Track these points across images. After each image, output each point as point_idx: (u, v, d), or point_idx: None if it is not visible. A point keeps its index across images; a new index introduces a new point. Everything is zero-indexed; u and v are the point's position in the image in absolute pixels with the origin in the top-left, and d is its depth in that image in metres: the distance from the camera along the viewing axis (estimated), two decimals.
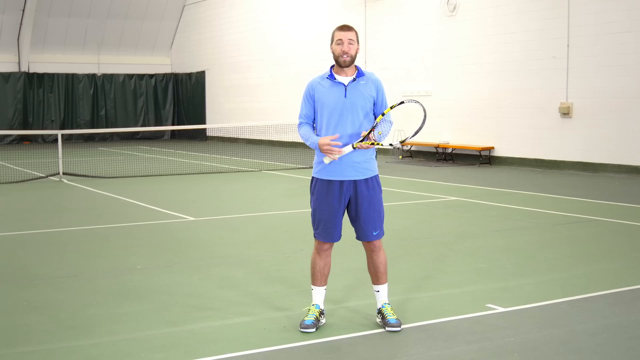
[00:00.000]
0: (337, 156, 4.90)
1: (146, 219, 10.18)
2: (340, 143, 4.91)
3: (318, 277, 5.14)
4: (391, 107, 5.00)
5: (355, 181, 5.02)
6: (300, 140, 5.06)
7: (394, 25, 20.60)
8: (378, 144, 4.93)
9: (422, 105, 5.14)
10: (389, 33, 20.78)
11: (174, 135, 31.94)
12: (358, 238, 5.15)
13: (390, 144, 5.19)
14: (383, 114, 4.97)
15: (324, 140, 4.90)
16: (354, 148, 4.91)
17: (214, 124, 28.94)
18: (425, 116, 5.09)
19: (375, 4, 21.22)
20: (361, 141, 4.91)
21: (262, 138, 25.79)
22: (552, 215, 10.03)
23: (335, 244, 5.17)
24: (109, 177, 15.67)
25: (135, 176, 15.94)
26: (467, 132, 18.59)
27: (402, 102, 5.07)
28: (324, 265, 5.14)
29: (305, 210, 9.69)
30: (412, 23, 20.01)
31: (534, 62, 16.79)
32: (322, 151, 4.91)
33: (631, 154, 15.07)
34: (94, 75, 30.37)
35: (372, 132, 4.91)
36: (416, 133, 5.09)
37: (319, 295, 5.15)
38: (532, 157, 17.08)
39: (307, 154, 19.78)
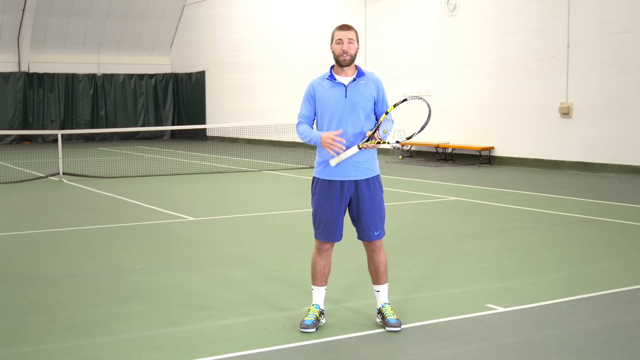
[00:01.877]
0: (338, 151, 4.83)
1: (146, 219, 10.18)
2: (344, 140, 4.86)
3: (318, 277, 5.14)
4: (394, 105, 4.99)
5: (356, 181, 5.01)
6: (300, 140, 5.08)
7: (394, 24, 20.60)
8: (384, 142, 4.92)
9: (426, 102, 5.08)
10: (389, 33, 20.78)
11: (174, 135, 31.94)
12: (359, 238, 5.15)
13: (397, 141, 5.17)
14: (387, 113, 4.96)
15: (328, 134, 4.85)
16: (359, 148, 4.90)
17: (214, 124, 28.94)
18: (430, 112, 5.07)
19: (376, 3, 21.22)
20: (366, 141, 4.90)
21: (262, 138, 25.78)
22: (552, 215, 10.03)
23: (335, 244, 5.17)
24: (109, 177, 15.67)
25: (135, 176, 15.94)
26: (467, 132, 18.59)
27: (405, 100, 5.06)
28: (324, 265, 5.14)
29: (305, 210, 9.69)
30: (412, 23, 20.01)
31: (534, 62, 16.79)
32: (324, 146, 4.86)
33: (631, 154, 15.07)
34: (94, 75, 30.37)
35: (377, 132, 4.91)
36: (422, 129, 5.04)
37: (319, 295, 5.15)
38: (532, 157, 17.08)
39: (307, 154, 19.77)
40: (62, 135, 16.58)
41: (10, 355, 4.67)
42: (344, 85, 5.00)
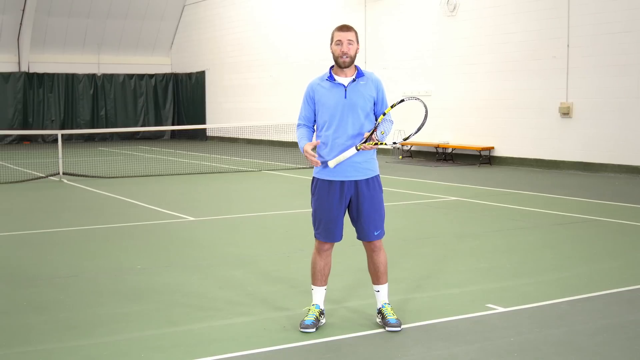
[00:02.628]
0: (316, 164, 4.99)
1: (146, 219, 10.18)
2: (316, 155, 4.96)
3: (318, 277, 5.14)
4: (392, 106, 5.00)
5: (356, 181, 5.01)
6: None
7: (394, 24, 20.61)
8: (381, 143, 4.93)
9: (422, 102, 5.08)
10: (389, 33, 20.78)
11: (174, 135, 31.94)
12: (359, 238, 5.15)
13: (394, 143, 5.17)
14: (384, 114, 4.96)
15: (306, 148, 4.96)
16: (357, 150, 4.91)
17: (214, 124, 28.94)
18: (426, 112, 5.06)
19: (376, 3, 21.22)
20: (364, 142, 4.90)
21: (262, 138, 25.79)
22: (552, 215, 10.03)
23: (335, 244, 5.17)
24: (109, 177, 15.67)
25: (135, 176, 15.94)
26: (467, 132, 18.59)
27: (402, 101, 5.05)
28: (324, 265, 5.14)
29: (305, 210, 9.69)
30: (412, 23, 20.01)
31: (533, 62, 16.79)
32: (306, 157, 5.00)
33: (631, 154, 15.07)
34: (94, 75, 30.38)
35: (375, 133, 4.91)
36: (419, 129, 5.04)
37: (319, 295, 5.15)
38: (532, 157, 17.08)
39: None
40: (62, 135, 16.58)
41: (10, 355, 4.67)
42: (344, 85, 5.00)
